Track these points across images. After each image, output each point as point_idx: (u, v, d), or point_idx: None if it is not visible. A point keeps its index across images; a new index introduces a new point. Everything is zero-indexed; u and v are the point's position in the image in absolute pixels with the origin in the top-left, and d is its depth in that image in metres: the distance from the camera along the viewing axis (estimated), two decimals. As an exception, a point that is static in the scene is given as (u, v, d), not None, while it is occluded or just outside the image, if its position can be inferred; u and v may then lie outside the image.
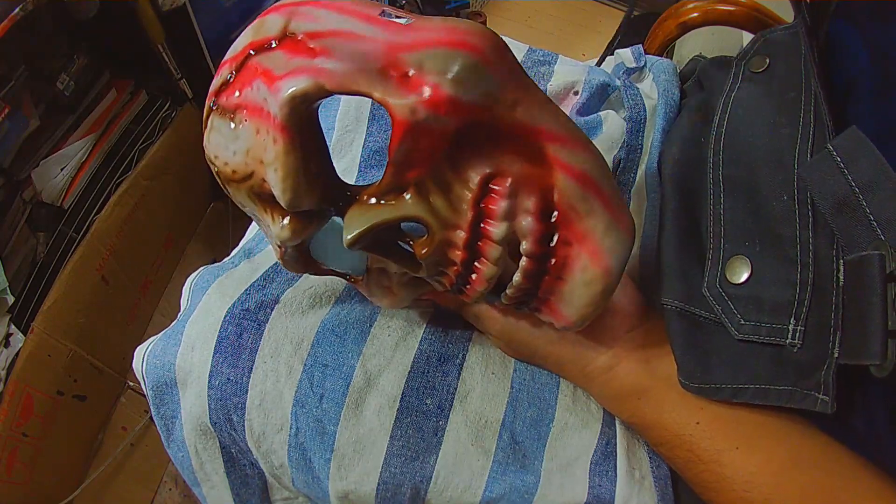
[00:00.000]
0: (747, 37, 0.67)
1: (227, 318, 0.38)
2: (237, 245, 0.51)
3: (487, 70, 0.26)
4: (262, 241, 0.46)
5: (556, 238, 0.30)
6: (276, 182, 0.28)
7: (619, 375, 0.35)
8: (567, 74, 0.50)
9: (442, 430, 0.37)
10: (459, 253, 0.30)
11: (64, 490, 0.96)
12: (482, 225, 0.29)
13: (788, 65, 0.38)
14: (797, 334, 0.31)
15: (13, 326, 0.85)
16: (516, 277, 0.30)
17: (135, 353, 0.42)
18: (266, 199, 0.30)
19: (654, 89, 0.48)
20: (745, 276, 0.33)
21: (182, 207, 1.18)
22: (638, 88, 0.48)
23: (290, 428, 0.37)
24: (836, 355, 0.28)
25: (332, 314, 0.39)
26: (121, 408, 1.07)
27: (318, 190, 0.29)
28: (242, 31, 0.30)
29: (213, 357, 0.38)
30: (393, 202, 0.29)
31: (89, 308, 0.96)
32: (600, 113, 0.48)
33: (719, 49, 0.89)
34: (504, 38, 0.55)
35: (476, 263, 0.30)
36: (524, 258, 0.30)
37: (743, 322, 0.32)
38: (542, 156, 0.28)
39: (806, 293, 0.31)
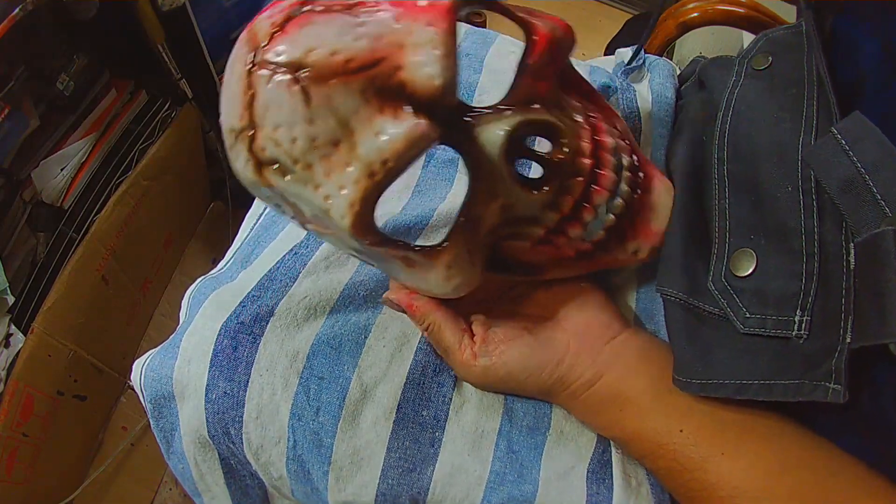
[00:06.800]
0: (747, 37, 0.67)
1: (223, 331, 0.38)
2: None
3: None
4: (258, 246, 0.46)
5: (636, 158, 0.37)
6: (432, 61, 0.26)
7: (601, 390, 0.34)
8: (568, 75, 0.50)
9: (438, 441, 0.37)
10: (587, 160, 0.33)
11: (64, 490, 0.96)
12: (597, 137, 0.34)
13: (791, 62, 0.38)
14: (804, 325, 0.30)
15: (13, 326, 0.85)
16: (623, 188, 0.35)
17: (133, 366, 0.42)
18: (388, 93, 0.27)
19: (650, 92, 0.48)
20: (750, 270, 0.33)
21: (182, 207, 1.18)
22: (635, 92, 0.48)
23: (288, 440, 0.37)
24: (848, 340, 0.28)
25: (326, 326, 0.39)
26: (121, 408, 1.07)
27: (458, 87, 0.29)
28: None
29: (210, 371, 0.38)
30: (527, 111, 0.32)
31: (89, 308, 0.96)
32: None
33: (719, 49, 0.89)
34: (505, 37, 0.55)
35: (598, 171, 0.34)
36: (626, 172, 0.35)
37: (748, 315, 0.32)
38: (602, 102, 0.38)
39: (812, 284, 0.31)
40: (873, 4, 0.34)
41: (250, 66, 0.28)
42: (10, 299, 0.85)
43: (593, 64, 0.55)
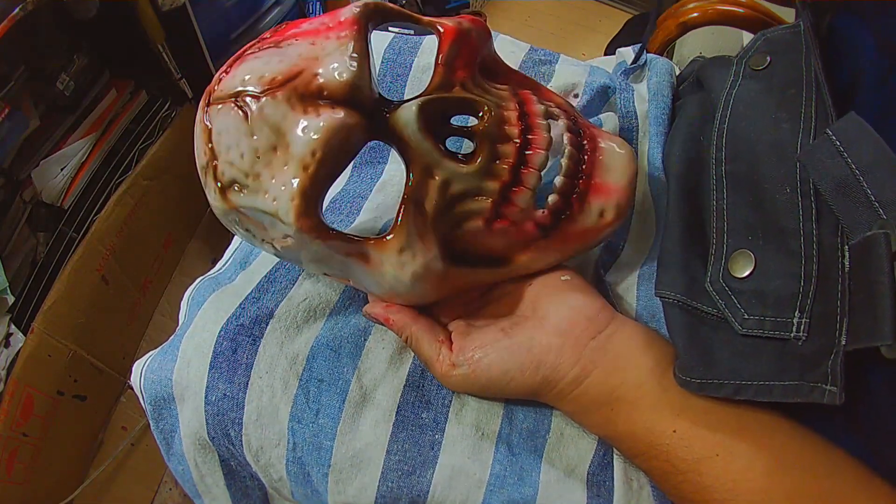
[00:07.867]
0: (747, 37, 0.67)
1: (222, 333, 0.38)
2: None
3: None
4: (256, 248, 0.46)
5: (578, 121, 0.37)
6: (341, 61, 0.31)
7: (589, 388, 0.34)
8: (568, 75, 0.50)
9: (438, 443, 0.37)
10: (514, 127, 0.34)
11: (64, 490, 0.96)
12: (526, 106, 0.35)
13: (789, 63, 0.38)
14: (802, 327, 0.30)
15: (13, 326, 0.85)
16: (567, 149, 0.35)
17: (133, 368, 0.42)
18: (309, 97, 0.31)
19: (648, 91, 0.48)
20: (748, 271, 0.33)
21: (182, 207, 1.18)
22: (633, 92, 0.48)
23: (288, 443, 0.37)
24: (843, 342, 0.28)
25: (326, 328, 0.39)
26: (121, 408, 1.07)
27: (375, 84, 0.33)
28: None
29: (209, 373, 0.38)
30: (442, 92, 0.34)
31: (89, 308, 0.96)
32: (601, 115, 0.48)
33: (719, 49, 0.89)
34: (505, 37, 0.56)
35: (529, 136, 0.34)
36: (566, 134, 0.35)
37: (746, 316, 0.32)
38: (537, 86, 0.40)
39: (811, 285, 0.30)
40: (869, 3, 0.34)
41: (206, 107, 0.33)
42: (10, 299, 0.85)
43: (593, 64, 0.55)
